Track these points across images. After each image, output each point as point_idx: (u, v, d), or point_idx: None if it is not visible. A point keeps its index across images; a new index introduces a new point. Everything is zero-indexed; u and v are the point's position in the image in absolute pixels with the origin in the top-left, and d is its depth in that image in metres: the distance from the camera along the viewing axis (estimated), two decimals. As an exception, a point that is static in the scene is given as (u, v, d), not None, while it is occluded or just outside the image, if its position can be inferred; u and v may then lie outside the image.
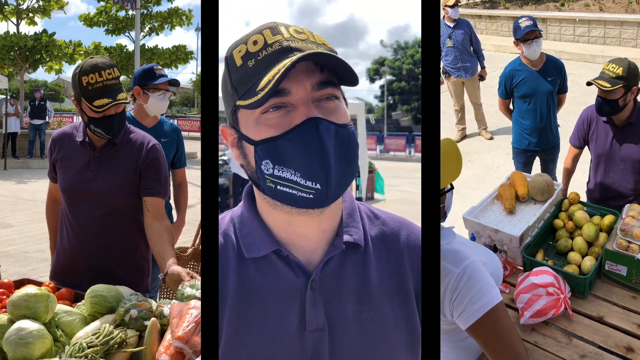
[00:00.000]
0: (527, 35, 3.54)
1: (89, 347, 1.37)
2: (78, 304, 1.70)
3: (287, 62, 0.75)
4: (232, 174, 7.81)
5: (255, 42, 0.80)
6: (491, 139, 6.70)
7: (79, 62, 2.05)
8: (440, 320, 1.47)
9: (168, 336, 1.41)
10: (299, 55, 0.75)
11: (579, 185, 3.10)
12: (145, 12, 19.43)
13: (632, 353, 1.75)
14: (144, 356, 1.44)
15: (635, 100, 2.74)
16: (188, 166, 2.00)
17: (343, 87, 0.86)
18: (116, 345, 1.42)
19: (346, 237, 0.87)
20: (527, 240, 2.34)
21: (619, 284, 2.11)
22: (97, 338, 1.42)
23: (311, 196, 0.78)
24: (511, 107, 3.93)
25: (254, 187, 0.89)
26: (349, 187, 0.87)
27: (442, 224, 1.63)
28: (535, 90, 3.61)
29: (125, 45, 19.98)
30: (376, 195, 8.93)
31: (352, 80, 0.81)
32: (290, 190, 0.79)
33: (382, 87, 37.50)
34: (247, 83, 0.80)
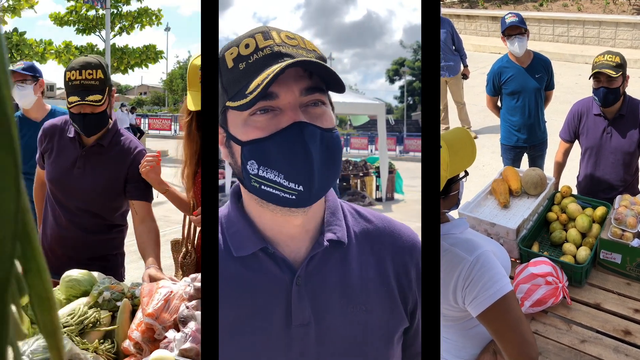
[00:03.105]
0: (509, 30, 3.70)
1: (64, 327, 1.48)
2: (54, 289, 1.82)
3: (276, 67, 0.80)
4: None
5: (247, 46, 0.85)
6: (475, 138, 6.89)
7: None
8: (451, 308, 1.54)
9: (139, 314, 1.54)
10: (288, 61, 0.80)
11: (566, 181, 3.26)
12: (116, 11, 19.59)
13: (629, 336, 1.88)
14: (116, 335, 1.55)
15: (625, 92, 2.92)
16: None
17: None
18: (90, 325, 1.54)
19: (330, 235, 0.92)
20: (522, 233, 2.46)
21: (614, 272, 2.25)
22: (72, 318, 1.52)
23: (293, 197, 0.83)
24: (499, 104, 4.07)
25: (240, 186, 0.94)
26: (331, 187, 0.93)
27: (454, 211, 1.72)
28: (524, 87, 3.76)
29: (96, 45, 20.22)
30: (396, 196, 9.07)
31: (339, 87, 0.86)
32: (274, 191, 0.84)
33: (401, 87, 37.97)
34: (237, 85, 0.85)
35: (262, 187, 0.84)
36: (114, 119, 2.22)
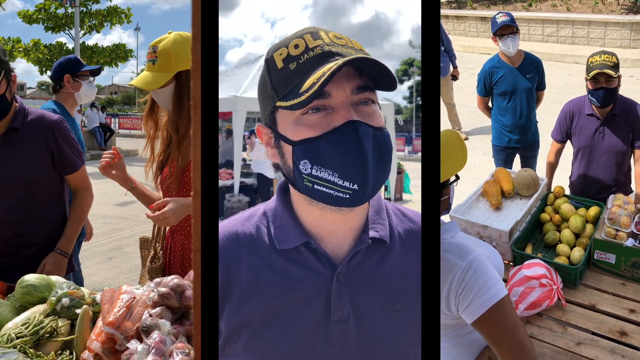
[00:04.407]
0: (502, 30, 3.71)
1: (17, 338, 1.40)
2: (9, 295, 1.74)
3: (332, 65, 0.81)
4: (257, 174, 7.95)
5: (296, 46, 0.86)
6: (466, 139, 6.92)
7: None
8: (444, 316, 1.52)
9: (100, 323, 1.45)
10: (344, 59, 0.81)
11: (559, 181, 3.28)
12: (85, 10, 19.69)
13: (625, 336, 1.88)
14: (75, 345, 1.47)
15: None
16: (129, 163, 2.10)
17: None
18: (47, 335, 1.45)
19: (372, 233, 0.94)
20: (515, 235, 2.46)
21: (608, 272, 2.26)
22: (26, 328, 1.44)
23: (347, 196, 0.85)
24: (490, 104, 4.09)
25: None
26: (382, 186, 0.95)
27: (446, 215, 1.71)
28: (515, 87, 3.78)
29: (65, 43, 20.34)
30: (405, 196, 9.11)
31: (391, 84, 0.88)
32: (327, 190, 0.85)
33: (410, 88, 38.03)
34: (288, 85, 0.86)
35: (316, 186, 0.85)
36: (19, 102, 2.20)
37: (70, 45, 19.89)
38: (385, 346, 0.93)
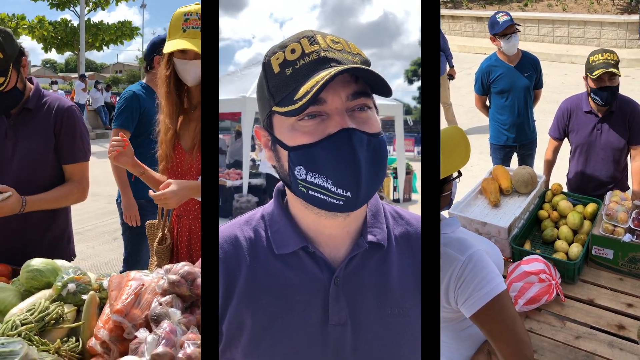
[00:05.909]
0: (506, 30, 3.75)
1: (22, 325, 1.37)
2: (14, 279, 1.71)
3: (325, 74, 0.82)
4: (265, 174, 7.95)
5: (293, 51, 0.87)
6: (463, 139, 6.96)
7: None
8: (443, 309, 1.54)
9: (107, 310, 1.42)
10: (338, 68, 0.82)
11: (556, 179, 3.33)
12: None
13: (623, 330, 1.93)
14: (82, 332, 1.44)
15: None
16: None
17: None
18: (52, 322, 1.43)
19: (370, 237, 0.95)
20: (514, 231, 2.50)
21: (606, 268, 2.30)
22: (31, 314, 1.42)
23: (341, 202, 0.86)
24: (487, 103, 4.12)
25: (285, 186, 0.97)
26: (377, 191, 0.95)
27: (447, 211, 1.73)
28: (513, 85, 3.82)
29: (70, 20, 20.23)
30: (413, 196, 9.12)
31: (386, 92, 0.89)
32: (321, 196, 0.86)
33: (420, 88, 37.92)
34: (284, 90, 0.87)
35: (310, 192, 0.87)
36: (34, 83, 2.17)
37: (75, 23, 19.80)
38: (383, 350, 0.94)
